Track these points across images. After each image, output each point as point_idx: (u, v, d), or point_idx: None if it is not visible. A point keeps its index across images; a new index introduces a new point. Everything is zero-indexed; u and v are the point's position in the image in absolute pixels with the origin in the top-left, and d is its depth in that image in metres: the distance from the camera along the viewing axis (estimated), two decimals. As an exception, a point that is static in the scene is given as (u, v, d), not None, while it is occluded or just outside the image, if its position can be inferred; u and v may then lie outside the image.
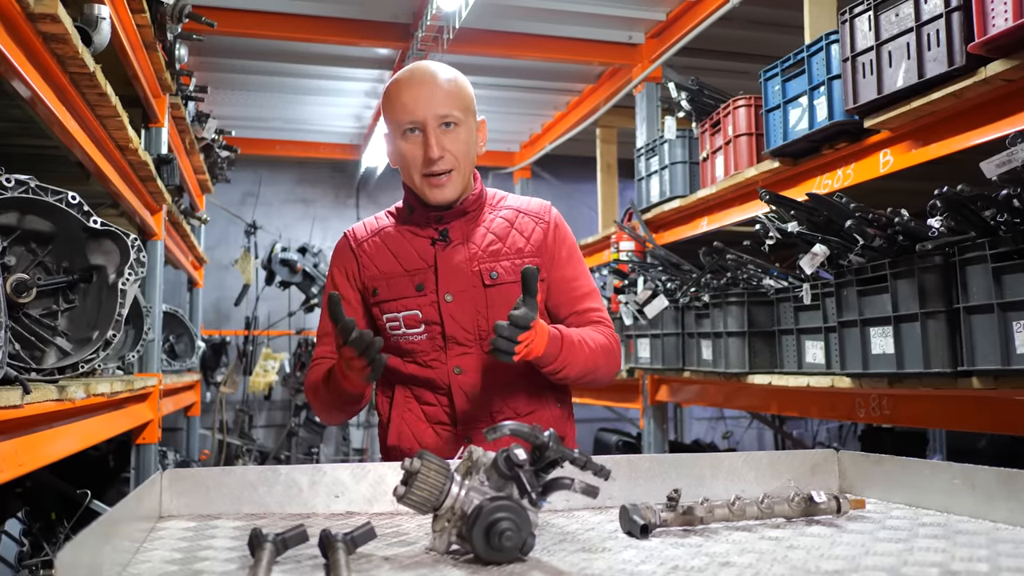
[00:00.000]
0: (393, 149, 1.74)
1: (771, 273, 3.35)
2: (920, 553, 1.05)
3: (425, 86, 1.68)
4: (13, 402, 1.55)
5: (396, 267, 1.74)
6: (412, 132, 1.68)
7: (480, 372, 1.71)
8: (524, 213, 1.80)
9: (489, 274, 1.72)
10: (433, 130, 1.66)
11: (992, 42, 2.23)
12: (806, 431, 7.65)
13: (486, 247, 1.74)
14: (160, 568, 1.01)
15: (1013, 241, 2.13)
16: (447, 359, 1.71)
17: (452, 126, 1.69)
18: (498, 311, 1.69)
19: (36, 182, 1.80)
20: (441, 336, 1.71)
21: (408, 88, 1.69)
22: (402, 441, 1.74)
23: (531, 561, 1.05)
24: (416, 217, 1.77)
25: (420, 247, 1.75)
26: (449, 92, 1.69)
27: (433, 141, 1.66)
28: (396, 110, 1.69)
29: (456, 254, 1.73)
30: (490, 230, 1.77)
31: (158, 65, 3.25)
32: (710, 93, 4.31)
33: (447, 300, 1.70)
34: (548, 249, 1.77)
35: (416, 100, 1.67)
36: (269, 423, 7.57)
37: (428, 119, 1.66)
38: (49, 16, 1.73)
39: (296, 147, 7.44)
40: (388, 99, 1.72)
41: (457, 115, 1.69)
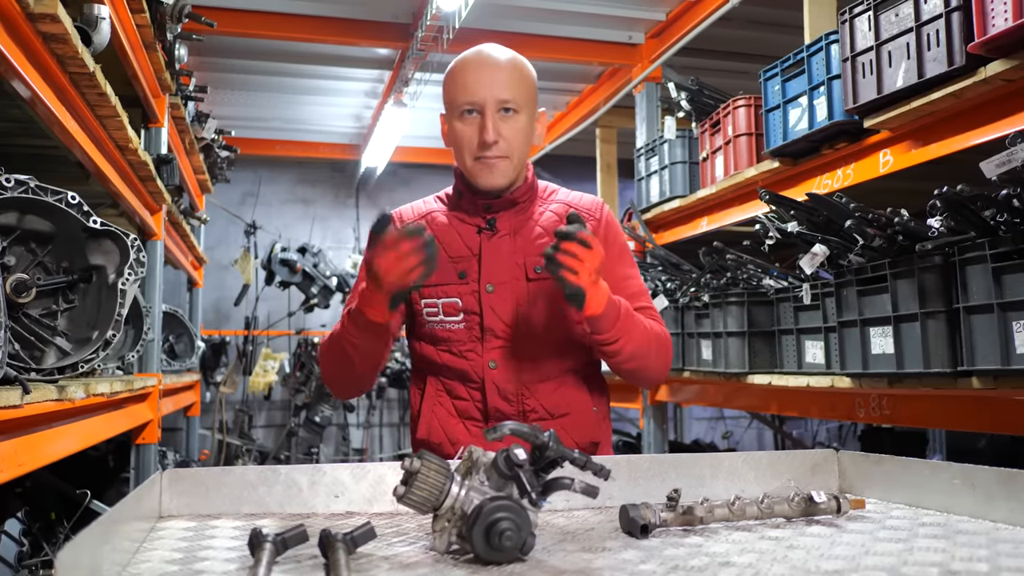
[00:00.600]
0: (448, 128, 1.71)
1: (771, 273, 3.35)
2: (920, 553, 1.06)
3: (489, 68, 1.65)
4: (13, 402, 1.55)
5: (442, 255, 1.68)
6: (470, 113, 1.65)
7: (516, 369, 1.67)
8: (575, 208, 1.75)
9: (534, 268, 1.68)
10: (491, 114, 1.63)
11: (992, 42, 2.23)
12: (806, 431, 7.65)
13: (533, 240, 1.70)
14: (160, 568, 1.01)
15: (1013, 241, 2.13)
16: (483, 351, 1.68)
17: (511, 112, 1.65)
18: (539, 306, 1.67)
19: (36, 182, 1.80)
20: (479, 327, 1.67)
21: (472, 68, 1.66)
22: (432, 435, 1.71)
23: (531, 561, 1.05)
24: (464, 203, 1.74)
25: (466, 234, 1.71)
26: (512, 77, 1.66)
27: (490, 124, 1.62)
28: (456, 89, 1.66)
29: (502, 245, 1.70)
30: (539, 223, 1.73)
31: (158, 65, 3.25)
32: (710, 93, 4.31)
33: (488, 291, 1.67)
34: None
35: (478, 81, 1.64)
36: (269, 423, 7.57)
37: (488, 101, 1.63)
38: (49, 16, 1.73)
39: (296, 147, 7.44)
40: (451, 77, 1.69)
41: (518, 101, 1.65)
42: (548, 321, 1.68)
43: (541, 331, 1.68)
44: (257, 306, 7.24)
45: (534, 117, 1.71)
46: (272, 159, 7.59)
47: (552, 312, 1.68)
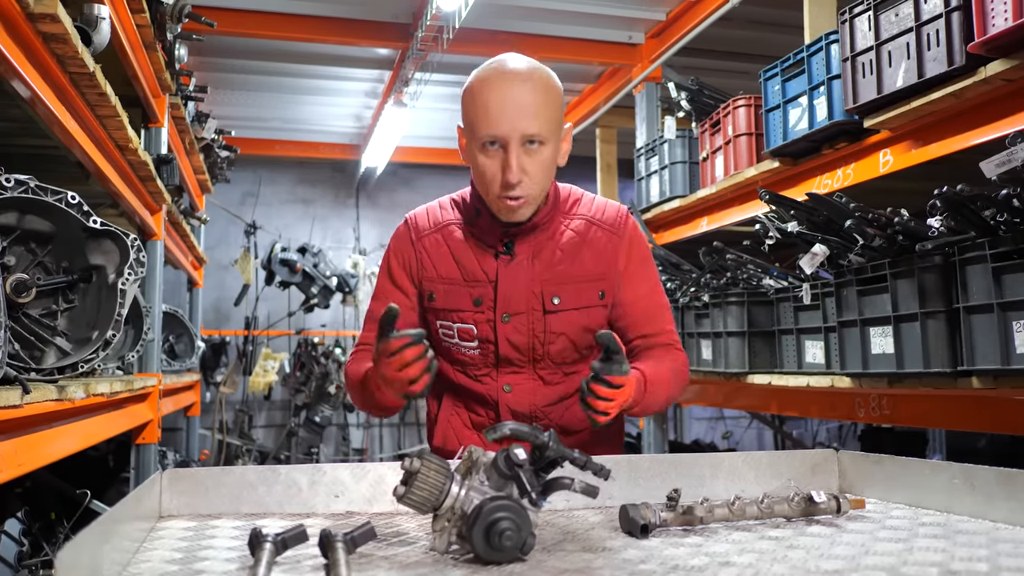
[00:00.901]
0: (468, 150, 1.59)
1: (771, 273, 3.35)
2: (920, 553, 1.06)
3: (514, 96, 1.50)
4: (13, 402, 1.55)
5: (456, 274, 1.64)
6: (492, 145, 1.52)
7: (529, 392, 1.66)
8: (597, 225, 1.67)
9: (551, 299, 1.62)
10: (515, 149, 1.50)
11: (992, 42, 2.23)
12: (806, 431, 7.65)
13: (553, 266, 1.63)
14: (160, 568, 1.01)
15: (1013, 241, 2.13)
16: (497, 376, 1.65)
17: (537, 144, 1.52)
18: (555, 337, 1.63)
19: (36, 182, 1.80)
20: (494, 355, 1.64)
21: (495, 94, 1.51)
22: (447, 444, 1.70)
23: (531, 561, 1.05)
24: (482, 223, 1.64)
25: (483, 257, 1.64)
26: (539, 106, 1.51)
27: (514, 163, 1.50)
28: (478, 116, 1.52)
29: (519, 272, 1.62)
30: (559, 246, 1.64)
31: (158, 65, 3.25)
32: (710, 93, 4.31)
33: (504, 321, 1.62)
34: (619, 269, 1.67)
35: (502, 112, 1.50)
36: (269, 423, 7.57)
37: (512, 137, 1.50)
38: (49, 16, 1.73)
39: (296, 147, 7.43)
40: (472, 98, 1.54)
41: (544, 133, 1.52)
42: (564, 349, 1.65)
43: (556, 359, 1.66)
44: (257, 306, 7.24)
45: (560, 140, 1.59)
46: (272, 159, 7.58)
47: (568, 341, 1.65)
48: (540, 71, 1.56)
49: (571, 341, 1.65)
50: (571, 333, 1.65)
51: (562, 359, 1.66)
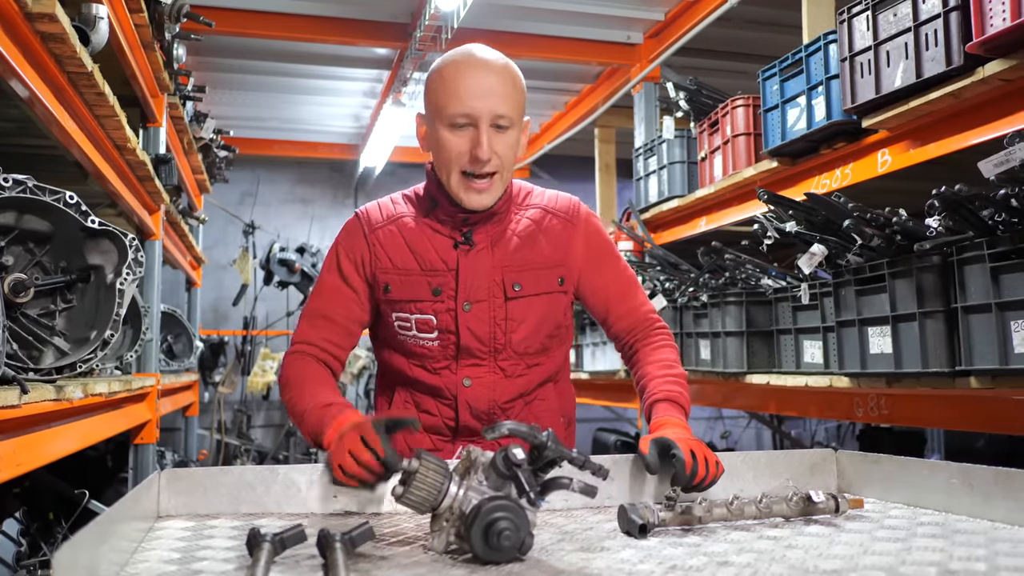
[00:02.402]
0: (430, 133, 1.61)
1: (769, 273, 3.35)
2: (918, 552, 1.06)
3: (486, 78, 1.54)
4: (11, 402, 1.55)
5: (413, 264, 1.63)
6: (461, 127, 1.54)
7: (489, 386, 1.64)
8: (551, 213, 1.70)
9: (512, 285, 1.63)
10: (486, 128, 1.53)
11: (990, 42, 2.23)
12: (804, 431, 7.66)
13: (511, 253, 1.64)
14: (158, 568, 1.01)
15: (1011, 241, 2.13)
16: (457, 368, 1.63)
17: (503, 128, 1.56)
18: (517, 325, 1.63)
19: (34, 182, 1.80)
20: (455, 346, 1.62)
21: (468, 76, 1.54)
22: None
23: (529, 561, 1.05)
24: (440, 213, 1.64)
25: (441, 247, 1.63)
26: (508, 90, 1.56)
27: (485, 140, 1.53)
28: (448, 97, 1.54)
29: (480, 260, 1.62)
30: (516, 234, 1.66)
31: (156, 65, 3.25)
32: (708, 93, 4.31)
33: (465, 309, 1.61)
34: (579, 256, 1.69)
35: (475, 93, 1.53)
36: (267, 423, 7.56)
37: (483, 115, 1.53)
38: (47, 15, 1.73)
39: (294, 147, 7.43)
40: (441, 82, 1.56)
41: (512, 116, 1.56)
42: (525, 339, 1.64)
43: (519, 348, 1.65)
44: (255, 306, 7.24)
45: (521, 129, 1.63)
46: (271, 159, 7.58)
47: (528, 330, 1.64)
48: (507, 62, 1.61)
49: (532, 328, 1.64)
50: (532, 320, 1.64)
51: (524, 348, 1.65)
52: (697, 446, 1.41)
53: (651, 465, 1.40)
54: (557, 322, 1.69)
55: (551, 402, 1.72)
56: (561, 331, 1.71)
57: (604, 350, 4.88)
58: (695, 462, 1.37)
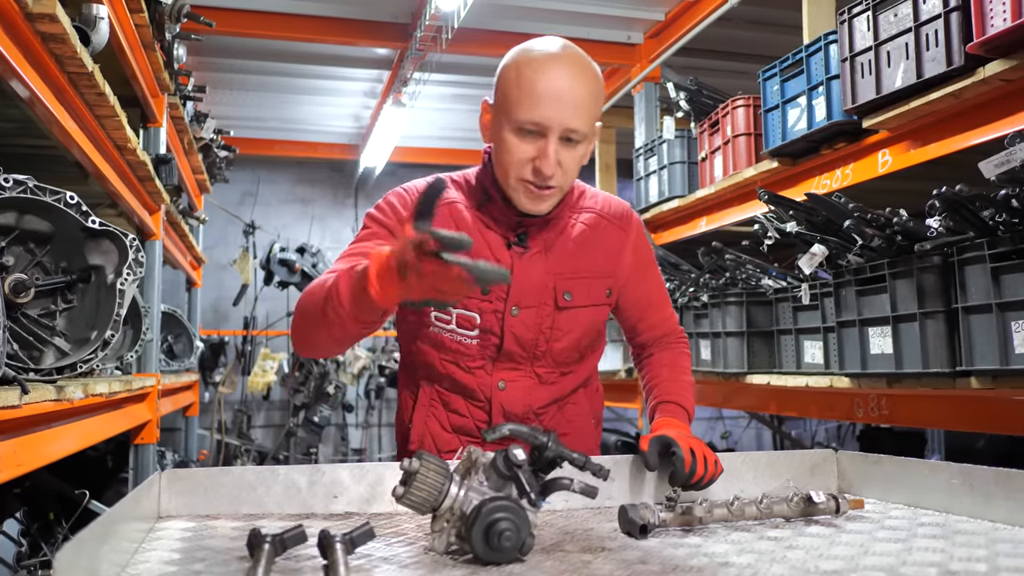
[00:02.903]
0: (495, 129, 1.50)
1: (770, 273, 3.35)
2: (919, 553, 1.06)
3: (566, 87, 1.42)
4: (11, 402, 1.55)
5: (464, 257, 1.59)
6: (529, 133, 1.44)
7: (526, 391, 1.59)
8: (606, 219, 1.64)
9: (563, 294, 1.57)
10: (554, 141, 1.43)
11: (991, 42, 2.23)
12: (804, 431, 7.66)
13: (565, 260, 1.58)
14: (158, 568, 1.01)
15: (1011, 241, 2.13)
16: (493, 370, 1.57)
17: (575, 142, 1.46)
18: (561, 335, 1.58)
19: (34, 182, 1.80)
20: (495, 348, 1.56)
21: (545, 81, 1.42)
22: (424, 448, 1.61)
23: (530, 561, 1.05)
24: (493, 210, 1.56)
25: (495, 244, 1.55)
26: (587, 102, 1.45)
27: (552, 153, 1.43)
28: (521, 99, 1.43)
29: (534, 265, 1.55)
30: (571, 240, 1.59)
31: (156, 65, 3.25)
32: (709, 93, 4.31)
33: (513, 314, 1.54)
34: (627, 266, 1.65)
35: (550, 101, 1.41)
36: (267, 423, 7.56)
37: (554, 127, 1.42)
38: (47, 16, 1.73)
39: (295, 147, 7.43)
40: (517, 79, 1.44)
41: (585, 131, 1.45)
42: (566, 349, 1.60)
43: (558, 357, 1.61)
44: (256, 306, 7.24)
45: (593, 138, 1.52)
46: (271, 159, 7.58)
47: (571, 340, 1.60)
48: (590, 64, 1.49)
49: (575, 339, 1.61)
50: (577, 331, 1.60)
51: (563, 358, 1.62)
52: (697, 445, 1.42)
53: (650, 462, 1.41)
54: (598, 331, 1.67)
55: (583, 406, 1.70)
56: (598, 339, 1.69)
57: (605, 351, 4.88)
58: (694, 460, 1.38)
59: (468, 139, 7.23)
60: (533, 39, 1.51)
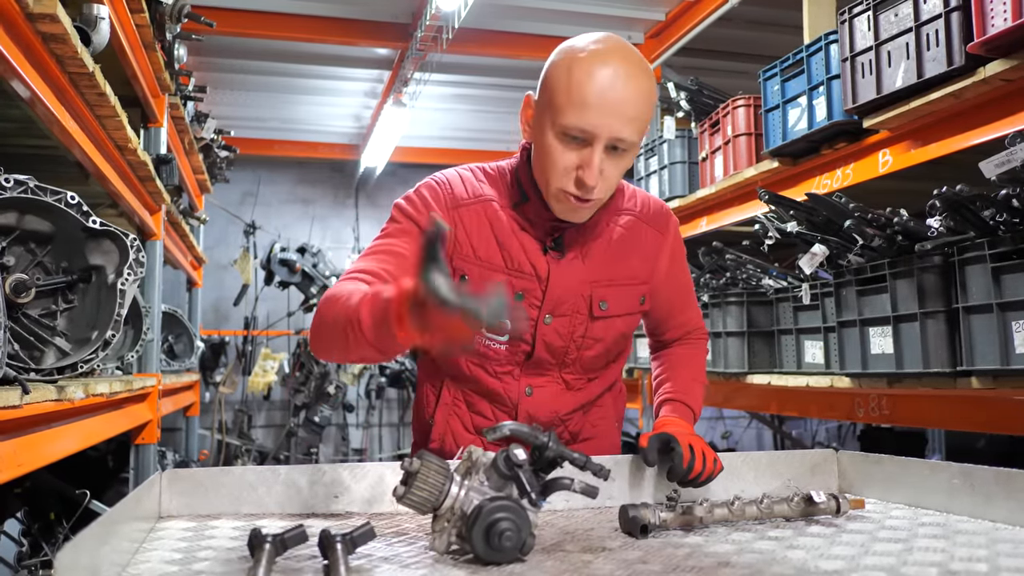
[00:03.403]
0: (538, 129, 1.42)
1: (770, 273, 3.35)
2: (920, 553, 1.06)
3: (619, 93, 1.33)
4: (12, 402, 1.55)
5: (498, 259, 1.48)
6: (575, 139, 1.36)
7: (553, 396, 1.56)
8: (644, 222, 1.58)
9: (599, 303, 1.52)
10: (600, 150, 1.35)
11: (991, 42, 2.23)
12: (805, 431, 7.66)
13: (603, 266, 1.53)
14: (159, 568, 1.01)
15: (1012, 241, 2.13)
16: (521, 376, 1.54)
17: (620, 151, 1.38)
18: (593, 343, 1.55)
19: (35, 182, 1.80)
20: (525, 355, 1.52)
21: (598, 85, 1.33)
22: (444, 447, 1.58)
23: (531, 561, 1.05)
24: (529, 211, 1.49)
25: (530, 248, 1.49)
26: (639, 110, 1.36)
27: (596, 164, 1.35)
28: (569, 102, 1.34)
29: (570, 271, 1.50)
30: (610, 244, 1.54)
31: (157, 65, 3.25)
32: (709, 93, 4.31)
33: (546, 322, 1.50)
34: (662, 270, 1.60)
35: (600, 109, 1.33)
36: (268, 423, 7.57)
37: (602, 137, 1.34)
38: (48, 16, 1.73)
39: (295, 147, 7.43)
40: (567, 80, 1.35)
41: (632, 140, 1.37)
42: (597, 356, 1.57)
43: (587, 365, 1.58)
44: (256, 306, 7.24)
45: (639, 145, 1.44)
46: (271, 159, 7.58)
47: (602, 348, 1.57)
48: (643, 64, 1.39)
49: (606, 348, 1.58)
50: (609, 340, 1.57)
51: (592, 365, 1.58)
52: (697, 442, 1.42)
53: (649, 458, 1.40)
54: (627, 338, 1.64)
55: (607, 408, 1.67)
56: (627, 345, 1.67)
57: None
58: (693, 456, 1.38)
59: (469, 139, 7.23)
60: (584, 35, 1.42)
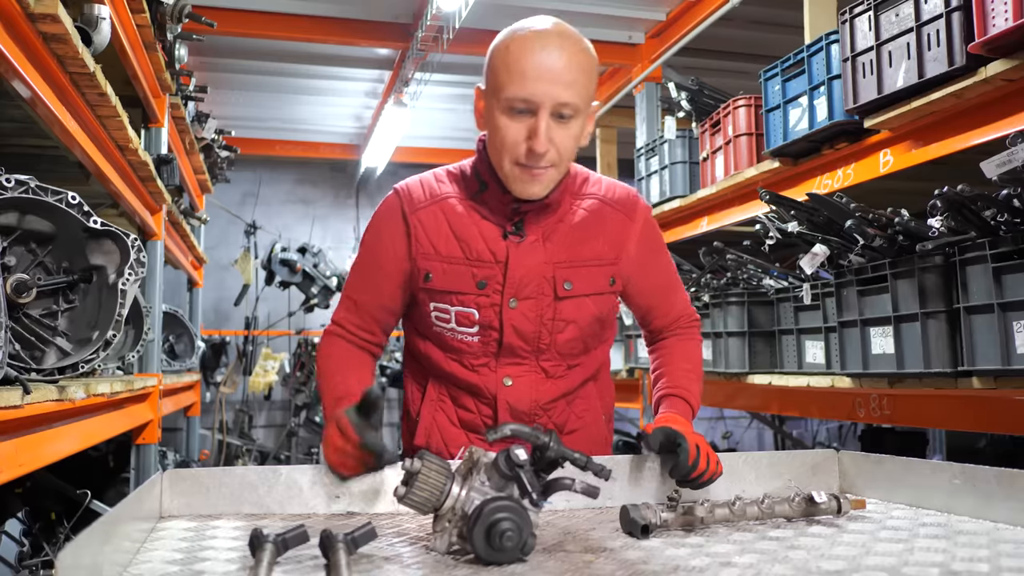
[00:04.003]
0: (487, 113, 1.48)
1: (771, 273, 3.35)
2: (921, 553, 1.06)
3: (555, 61, 1.39)
4: (13, 402, 1.55)
5: (457, 252, 1.51)
6: (519, 112, 1.41)
7: (531, 386, 1.55)
8: (609, 205, 1.59)
9: (563, 283, 1.53)
10: (545, 117, 1.40)
11: (992, 42, 2.23)
12: (806, 431, 7.65)
13: (565, 248, 1.54)
14: (161, 568, 1.01)
15: (1013, 241, 2.13)
16: (497, 367, 1.54)
17: (568, 117, 1.42)
18: (564, 325, 1.54)
19: (36, 182, 1.80)
20: (496, 343, 1.52)
21: (532, 57, 1.40)
22: (431, 443, 1.59)
23: (532, 561, 1.05)
24: (489, 198, 1.52)
25: (489, 235, 1.51)
26: (577, 75, 1.41)
27: (543, 131, 1.40)
28: (511, 77, 1.40)
29: (531, 254, 1.51)
30: (571, 227, 1.55)
31: (158, 65, 3.25)
32: (710, 93, 4.31)
33: (511, 306, 1.50)
34: (632, 254, 1.60)
35: (539, 76, 1.38)
36: (269, 423, 7.57)
37: (544, 103, 1.39)
38: (49, 16, 1.73)
39: (296, 147, 7.44)
40: (504, 58, 1.42)
41: (577, 104, 1.42)
42: (571, 340, 1.56)
43: (563, 350, 1.57)
44: (257, 306, 7.24)
45: (587, 116, 1.49)
46: (272, 159, 7.58)
47: (576, 331, 1.56)
48: (580, 39, 1.46)
49: (580, 330, 1.57)
50: (581, 321, 1.56)
51: (568, 350, 1.57)
52: (701, 442, 1.42)
53: (651, 443, 1.40)
54: (604, 322, 1.62)
55: (592, 400, 1.66)
56: (606, 330, 1.65)
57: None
58: (698, 455, 1.38)
59: (470, 139, 7.22)
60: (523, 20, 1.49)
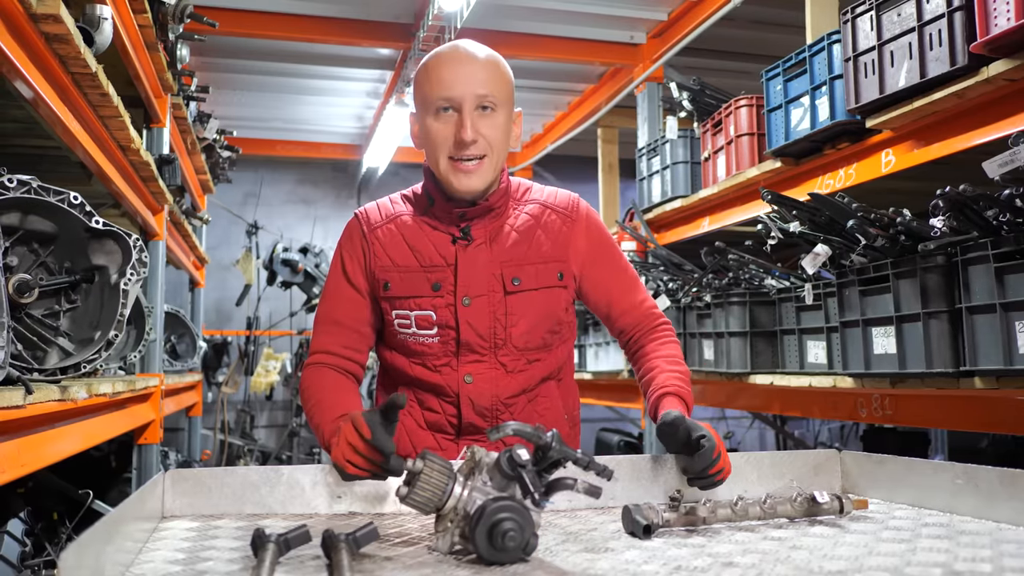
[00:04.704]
0: (420, 128, 1.64)
1: (773, 273, 3.34)
2: (923, 553, 1.05)
3: (467, 64, 1.58)
4: (15, 402, 1.55)
5: (412, 261, 1.64)
6: (445, 111, 1.57)
7: (491, 382, 1.62)
8: (551, 208, 1.70)
9: (512, 279, 1.62)
10: (469, 111, 1.56)
11: (994, 42, 2.23)
12: (808, 431, 7.65)
13: (510, 248, 1.64)
14: (163, 568, 1.01)
15: (1015, 241, 2.13)
16: (458, 365, 1.62)
17: (489, 110, 1.58)
18: (516, 319, 1.62)
19: (38, 182, 1.80)
20: (455, 341, 1.61)
21: (448, 64, 1.59)
22: (399, 447, 1.64)
23: (534, 561, 1.05)
24: (436, 210, 1.65)
25: (439, 242, 1.64)
26: (491, 73, 1.59)
27: (468, 122, 1.55)
28: (431, 85, 1.59)
29: (478, 255, 1.62)
30: (515, 229, 1.66)
31: (160, 65, 3.25)
32: (712, 93, 4.31)
33: (464, 304, 1.60)
34: (579, 252, 1.69)
35: (455, 77, 1.56)
36: (271, 423, 7.57)
37: (465, 98, 1.56)
38: (51, 16, 1.73)
39: (297, 147, 7.44)
40: (425, 73, 1.61)
41: (497, 98, 1.58)
42: (525, 333, 1.63)
43: (519, 343, 1.63)
44: (259, 306, 7.24)
45: (511, 116, 1.64)
46: (274, 159, 7.59)
47: (528, 324, 1.63)
48: (491, 51, 1.64)
49: (533, 323, 1.63)
50: (533, 315, 1.63)
51: (524, 343, 1.64)
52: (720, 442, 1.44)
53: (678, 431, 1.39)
54: (558, 318, 1.67)
55: (554, 400, 1.71)
56: (562, 328, 1.70)
57: (607, 350, 4.88)
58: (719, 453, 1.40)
59: (471, 139, 7.22)
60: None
